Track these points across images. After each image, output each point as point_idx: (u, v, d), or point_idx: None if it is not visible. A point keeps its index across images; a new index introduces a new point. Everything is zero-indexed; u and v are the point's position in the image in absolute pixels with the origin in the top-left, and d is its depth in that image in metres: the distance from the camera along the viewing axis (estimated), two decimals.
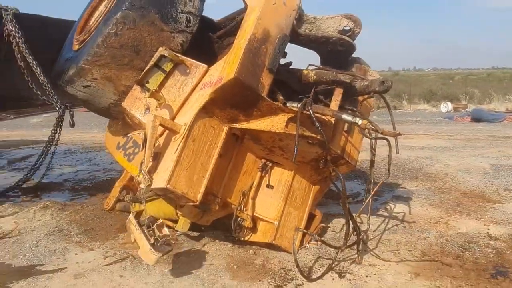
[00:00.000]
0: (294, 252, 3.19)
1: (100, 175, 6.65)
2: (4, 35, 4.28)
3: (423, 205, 4.84)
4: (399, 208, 4.72)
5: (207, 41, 3.85)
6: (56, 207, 4.66)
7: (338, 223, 4.15)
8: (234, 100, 3.04)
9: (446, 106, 23.28)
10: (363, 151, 4.00)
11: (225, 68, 2.99)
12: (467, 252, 3.52)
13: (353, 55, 3.84)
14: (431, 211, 4.62)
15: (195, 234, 3.87)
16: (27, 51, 4.27)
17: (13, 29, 4.27)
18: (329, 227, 4.10)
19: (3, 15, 4.29)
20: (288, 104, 3.12)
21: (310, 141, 3.13)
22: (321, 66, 3.61)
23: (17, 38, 4.27)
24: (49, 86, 4.23)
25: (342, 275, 3.15)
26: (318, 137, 3.05)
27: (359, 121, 2.88)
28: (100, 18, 3.59)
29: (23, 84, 4.45)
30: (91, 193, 5.49)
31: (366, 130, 3.01)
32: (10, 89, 4.82)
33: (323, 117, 3.09)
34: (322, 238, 3.61)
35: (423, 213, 4.55)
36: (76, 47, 3.81)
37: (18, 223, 4.22)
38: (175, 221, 3.79)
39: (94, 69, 3.40)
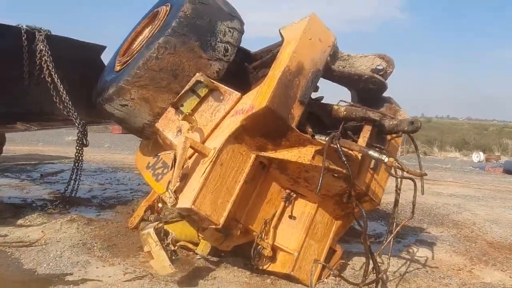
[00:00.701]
0: (311, 284, 3.18)
1: (127, 195, 6.77)
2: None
3: (447, 252, 4.75)
4: (422, 252, 4.63)
5: (243, 71, 3.97)
6: (82, 221, 4.78)
7: (358, 261, 4.10)
8: (264, 129, 3.12)
9: (478, 156, 22.85)
10: (388, 193, 3.98)
11: (258, 97, 3.09)
12: None
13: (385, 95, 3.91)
14: (455, 258, 4.52)
15: (215, 259, 3.89)
16: (53, 70, 4.64)
17: (44, 49, 4.66)
18: (349, 264, 4.06)
19: (36, 35, 4.66)
20: (316, 137, 3.18)
21: (336, 175, 3.17)
22: (352, 103, 3.67)
23: (46, 57, 4.65)
24: (70, 103, 4.63)
25: None
26: (344, 171, 3.08)
27: (385, 158, 2.92)
28: (144, 42, 3.77)
29: (46, 100, 4.81)
30: (117, 211, 5.58)
31: (392, 168, 3.03)
32: (35, 104, 5.15)
33: (350, 152, 3.13)
34: (342, 275, 3.58)
35: (446, 260, 4.46)
36: (118, 68, 3.99)
37: (44, 233, 4.34)
38: (196, 244, 3.84)
39: (133, 90, 3.55)
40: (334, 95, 3.95)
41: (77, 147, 5.11)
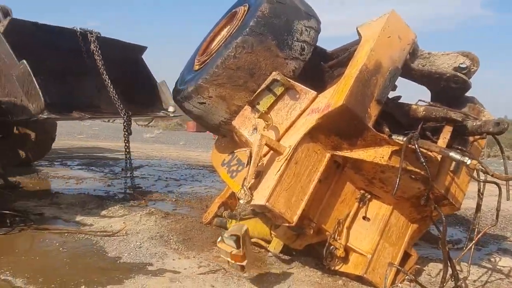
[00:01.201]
0: None
1: (201, 191, 6.97)
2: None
3: None
4: (505, 262, 4.37)
5: (318, 69, 3.96)
6: (160, 214, 4.98)
7: (434, 268, 3.95)
8: (339, 128, 3.10)
9: None
10: (467, 198, 3.79)
11: (334, 96, 3.07)
12: None
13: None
14: None
15: (286, 257, 3.91)
16: (103, 67, 5.18)
17: (95, 48, 5.23)
18: (424, 270, 3.91)
19: (88, 36, 5.24)
20: (393, 137, 3.10)
21: (413, 176, 3.07)
22: (432, 103, 3.54)
23: (96, 56, 5.19)
24: (116, 96, 5.14)
25: None
26: (422, 173, 2.98)
27: (468, 160, 2.78)
28: (222, 42, 3.87)
29: (94, 95, 5.57)
30: (192, 206, 5.78)
31: (475, 171, 2.89)
32: (85, 98, 5.79)
33: (429, 153, 3.02)
34: (417, 280, 3.47)
35: None
36: (196, 67, 4.13)
37: (126, 224, 4.57)
38: (268, 242, 3.88)
39: (211, 88, 3.65)
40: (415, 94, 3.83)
41: (124, 135, 5.52)
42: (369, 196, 3.50)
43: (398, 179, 2.86)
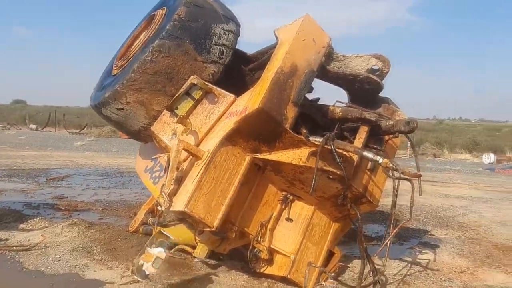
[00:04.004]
0: (305, 287, 3.14)
1: (131, 198, 6.80)
2: None
3: (450, 254, 4.68)
4: (424, 255, 4.58)
5: (239, 73, 3.96)
6: (83, 225, 4.78)
7: (358, 264, 4.00)
8: (257, 130, 3.11)
9: (488, 157, 22.61)
10: (400, 194, 3.91)
11: (251, 99, 3.08)
12: None
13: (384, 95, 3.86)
14: (458, 261, 4.46)
15: (213, 262, 3.88)
16: None
17: None
18: (349, 267, 4.02)
19: None
20: (311, 138, 3.15)
21: (331, 176, 3.14)
22: (348, 104, 3.64)
23: None
24: None
25: None
26: (339, 172, 3.05)
27: (380, 159, 2.88)
28: (140, 46, 3.78)
29: None
30: (119, 215, 5.62)
31: (390, 170, 3.00)
32: None
33: (345, 153, 3.10)
34: (340, 278, 3.54)
35: (449, 262, 4.40)
36: (115, 71, 4.00)
37: (45, 237, 4.35)
38: (194, 247, 3.83)
39: (129, 93, 3.56)
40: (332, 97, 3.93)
41: None
42: (291, 197, 3.53)
43: (314, 179, 2.91)
